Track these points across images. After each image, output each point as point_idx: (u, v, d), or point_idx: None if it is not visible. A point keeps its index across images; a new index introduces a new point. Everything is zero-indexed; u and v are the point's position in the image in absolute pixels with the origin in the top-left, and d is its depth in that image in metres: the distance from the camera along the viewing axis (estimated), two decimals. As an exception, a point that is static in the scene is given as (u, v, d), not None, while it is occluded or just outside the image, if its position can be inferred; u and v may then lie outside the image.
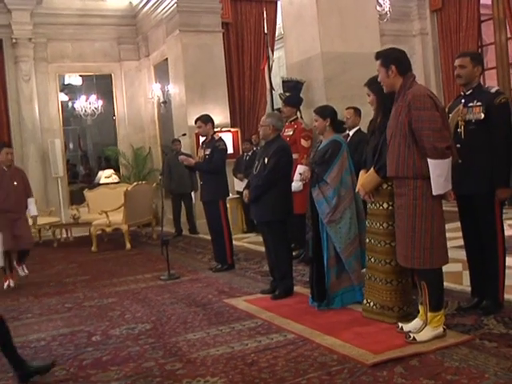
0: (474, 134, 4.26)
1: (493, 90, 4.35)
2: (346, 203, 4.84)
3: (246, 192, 5.70)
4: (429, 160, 3.73)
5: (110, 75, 13.10)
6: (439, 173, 3.73)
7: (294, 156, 6.30)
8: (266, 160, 5.49)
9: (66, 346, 4.46)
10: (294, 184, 6.31)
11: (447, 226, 3.99)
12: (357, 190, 4.56)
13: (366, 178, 4.43)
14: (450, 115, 4.43)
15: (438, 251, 3.86)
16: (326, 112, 5.10)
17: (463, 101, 4.39)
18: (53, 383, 3.72)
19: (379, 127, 4.33)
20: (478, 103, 4.27)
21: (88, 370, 3.89)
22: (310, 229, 5.02)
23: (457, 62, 4.41)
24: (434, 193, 3.76)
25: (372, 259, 4.47)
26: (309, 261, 5.07)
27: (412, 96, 3.81)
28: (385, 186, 4.29)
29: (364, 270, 4.73)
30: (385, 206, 4.33)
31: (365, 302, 4.57)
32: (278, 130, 5.68)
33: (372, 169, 4.33)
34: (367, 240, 4.55)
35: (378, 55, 4.08)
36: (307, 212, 5.09)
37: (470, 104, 4.32)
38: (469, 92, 4.39)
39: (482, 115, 4.23)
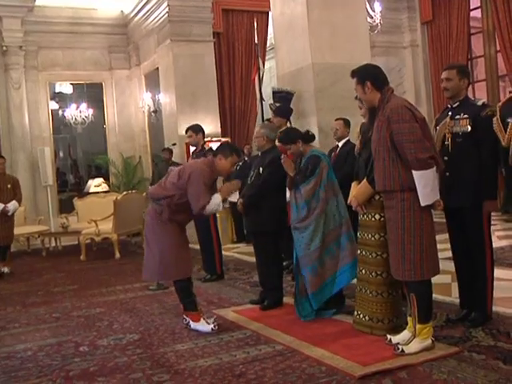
0: (461, 146, 4.27)
1: (479, 103, 4.37)
2: (314, 216, 4.89)
3: (240, 201, 5.69)
4: (413, 172, 3.75)
5: (101, 84, 13.13)
6: (424, 183, 3.74)
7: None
8: (261, 170, 5.50)
9: (52, 357, 4.42)
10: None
11: (436, 238, 4.00)
12: (349, 201, 4.56)
13: (358, 189, 4.44)
14: (438, 127, 4.46)
15: (428, 263, 3.86)
16: (292, 137, 5.13)
17: (450, 113, 4.41)
18: (39, 394, 3.69)
19: (371, 139, 4.34)
20: (465, 116, 4.28)
21: (75, 381, 3.85)
22: None
23: (443, 75, 4.43)
24: (422, 204, 3.78)
25: (363, 271, 4.47)
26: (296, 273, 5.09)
27: (390, 110, 3.83)
28: (377, 197, 4.28)
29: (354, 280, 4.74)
30: (377, 217, 4.32)
31: (355, 313, 4.55)
32: (272, 141, 5.68)
33: (365, 180, 4.34)
34: (358, 251, 4.55)
35: (353, 73, 4.11)
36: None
37: (457, 116, 4.33)
38: (456, 104, 4.41)
39: (469, 128, 4.25)
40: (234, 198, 8.14)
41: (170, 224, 4.84)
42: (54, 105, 13.17)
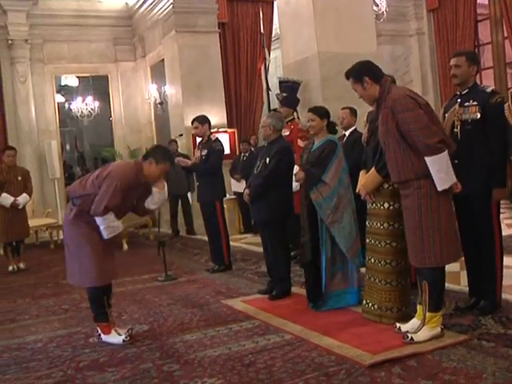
0: (470, 133, 4.25)
1: (489, 90, 4.34)
2: (346, 202, 4.83)
3: (246, 191, 5.69)
4: (425, 158, 3.73)
5: (107, 76, 13.09)
6: (438, 168, 3.72)
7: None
8: (268, 160, 5.49)
9: (63, 348, 4.45)
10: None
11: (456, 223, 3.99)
12: (357, 190, 4.55)
13: (367, 178, 4.43)
14: (446, 115, 4.43)
15: (448, 248, 3.84)
16: (323, 112, 5.09)
17: (459, 100, 4.38)
18: (50, 385, 3.71)
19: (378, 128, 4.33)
20: (474, 103, 4.26)
21: (85, 372, 3.87)
22: (304, 232, 5.00)
23: (452, 62, 4.40)
24: (439, 188, 3.75)
25: (372, 259, 4.46)
26: (305, 263, 5.05)
27: (392, 101, 3.81)
28: (386, 185, 4.28)
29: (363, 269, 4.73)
30: (385, 205, 4.32)
31: (364, 302, 4.55)
32: (279, 131, 5.66)
33: (373, 169, 4.33)
34: (367, 240, 4.54)
35: (348, 74, 4.10)
36: (302, 214, 5.07)
37: (466, 104, 4.30)
38: (465, 91, 4.38)
39: (478, 115, 4.22)
40: (241, 188, 8.14)
41: (86, 226, 4.36)
42: (60, 98, 13.19)
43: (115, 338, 4.45)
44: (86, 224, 4.37)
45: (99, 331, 4.55)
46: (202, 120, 7.07)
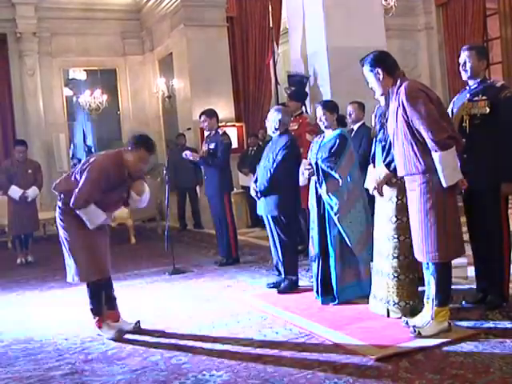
0: (479, 128, 4.24)
1: (498, 84, 4.33)
2: (356, 197, 4.82)
3: (253, 185, 5.68)
4: (433, 153, 3.72)
5: (115, 70, 13.10)
6: (445, 164, 3.71)
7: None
8: (274, 154, 5.48)
9: (71, 340, 4.47)
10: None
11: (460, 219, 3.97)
12: (365, 184, 4.54)
13: (375, 172, 4.43)
14: (455, 109, 4.42)
15: (452, 244, 3.84)
16: (332, 106, 5.09)
17: (468, 95, 4.37)
18: (58, 377, 3.73)
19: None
20: (484, 97, 4.24)
21: (93, 364, 3.90)
22: (313, 226, 5.00)
23: (461, 56, 4.39)
24: (445, 184, 3.74)
25: (379, 253, 4.46)
26: (314, 257, 5.06)
27: (404, 94, 3.80)
28: (393, 180, 4.27)
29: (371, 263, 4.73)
30: (394, 200, 4.32)
31: (371, 296, 4.56)
32: (285, 125, 5.65)
33: (381, 163, 4.32)
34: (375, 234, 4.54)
35: (363, 61, 4.08)
36: (310, 208, 5.08)
37: (476, 98, 4.29)
38: (474, 86, 4.37)
39: (488, 109, 4.21)
40: (248, 182, 8.15)
41: (74, 220, 4.37)
42: (68, 91, 13.19)
43: (108, 331, 4.46)
44: (73, 218, 4.38)
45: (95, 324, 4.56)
46: (210, 114, 7.08)
